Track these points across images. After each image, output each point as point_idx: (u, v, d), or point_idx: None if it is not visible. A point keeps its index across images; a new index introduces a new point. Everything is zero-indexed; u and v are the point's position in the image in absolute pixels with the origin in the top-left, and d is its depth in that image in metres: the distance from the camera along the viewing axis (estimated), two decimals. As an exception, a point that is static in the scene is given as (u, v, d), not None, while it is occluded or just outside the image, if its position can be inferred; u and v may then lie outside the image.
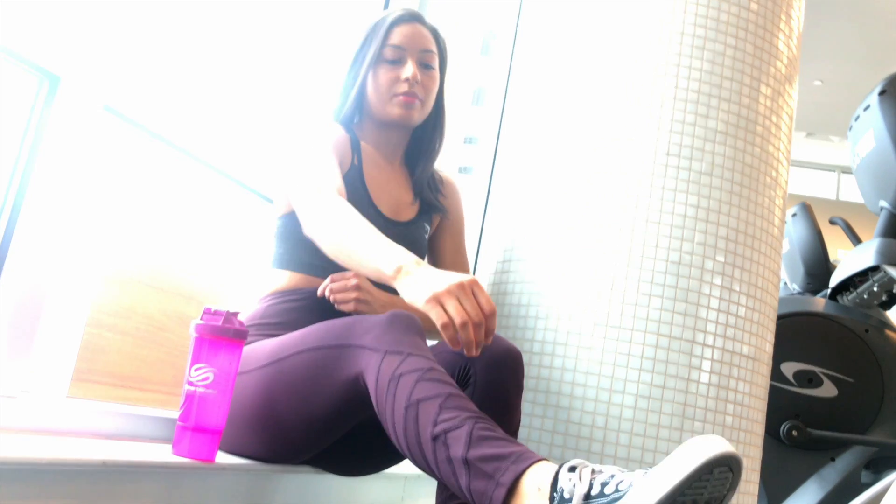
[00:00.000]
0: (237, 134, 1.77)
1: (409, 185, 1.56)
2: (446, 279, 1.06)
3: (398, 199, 1.51)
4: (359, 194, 1.43)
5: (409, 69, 1.45)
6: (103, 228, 1.47)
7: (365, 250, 1.15)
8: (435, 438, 0.96)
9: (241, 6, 1.80)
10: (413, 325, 1.11)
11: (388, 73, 1.46)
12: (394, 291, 1.16)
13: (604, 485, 0.83)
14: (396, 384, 1.03)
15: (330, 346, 1.15)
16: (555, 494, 0.85)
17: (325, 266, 1.35)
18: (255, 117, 1.86)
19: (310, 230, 1.25)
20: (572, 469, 0.86)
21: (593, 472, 0.86)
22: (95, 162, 1.30)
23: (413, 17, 1.51)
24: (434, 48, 1.51)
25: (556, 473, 0.86)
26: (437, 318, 1.04)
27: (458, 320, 1.03)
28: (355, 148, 1.48)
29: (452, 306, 1.04)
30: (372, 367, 1.07)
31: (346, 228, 1.18)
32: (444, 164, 1.71)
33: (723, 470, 0.80)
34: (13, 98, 1.18)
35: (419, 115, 1.49)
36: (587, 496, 0.83)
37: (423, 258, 1.43)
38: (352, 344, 1.12)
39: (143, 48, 1.45)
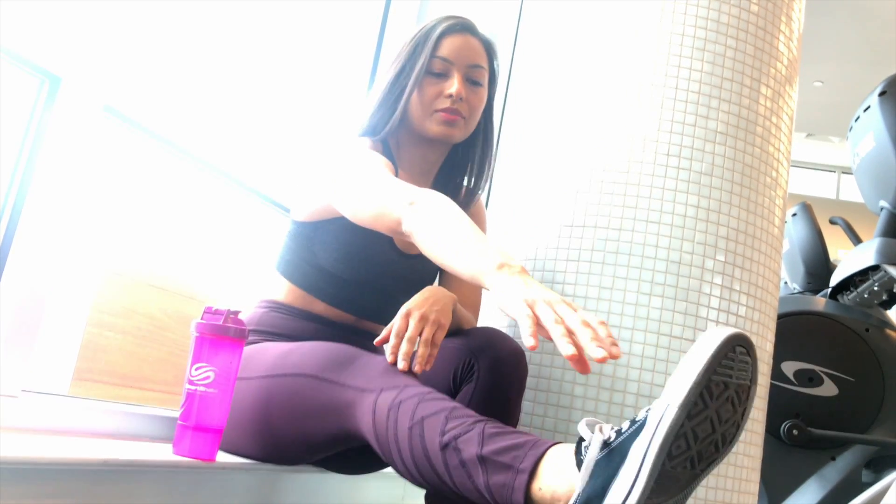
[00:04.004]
0: (238, 134, 1.77)
1: None
2: (544, 291, 0.95)
3: None
4: None
5: (454, 85, 1.37)
6: (104, 228, 1.48)
7: (468, 242, 1.04)
8: (444, 447, 0.95)
9: (238, 7, 1.80)
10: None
11: (432, 86, 1.38)
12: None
13: (633, 420, 0.86)
14: (397, 411, 1.02)
15: (327, 379, 1.13)
16: (581, 450, 0.87)
17: (325, 289, 1.34)
18: (257, 117, 1.86)
19: (385, 220, 1.15)
20: (589, 426, 0.89)
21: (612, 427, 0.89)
22: (96, 162, 1.30)
23: (465, 28, 1.42)
24: (484, 63, 1.43)
25: (578, 441, 0.88)
26: (526, 317, 0.90)
27: (552, 325, 0.89)
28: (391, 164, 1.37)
29: (544, 311, 0.91)
30: (366, 411, 1.06)
31: (447, 218, 1.08)
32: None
33: (742, 350, 0.85)
34: (14, 99, 1.18)
35: (461, 133, 1.41)
36: (619, 433, 0.86)
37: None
38: (346, 384, 1.11)
39: (143, 49, 1.45)
